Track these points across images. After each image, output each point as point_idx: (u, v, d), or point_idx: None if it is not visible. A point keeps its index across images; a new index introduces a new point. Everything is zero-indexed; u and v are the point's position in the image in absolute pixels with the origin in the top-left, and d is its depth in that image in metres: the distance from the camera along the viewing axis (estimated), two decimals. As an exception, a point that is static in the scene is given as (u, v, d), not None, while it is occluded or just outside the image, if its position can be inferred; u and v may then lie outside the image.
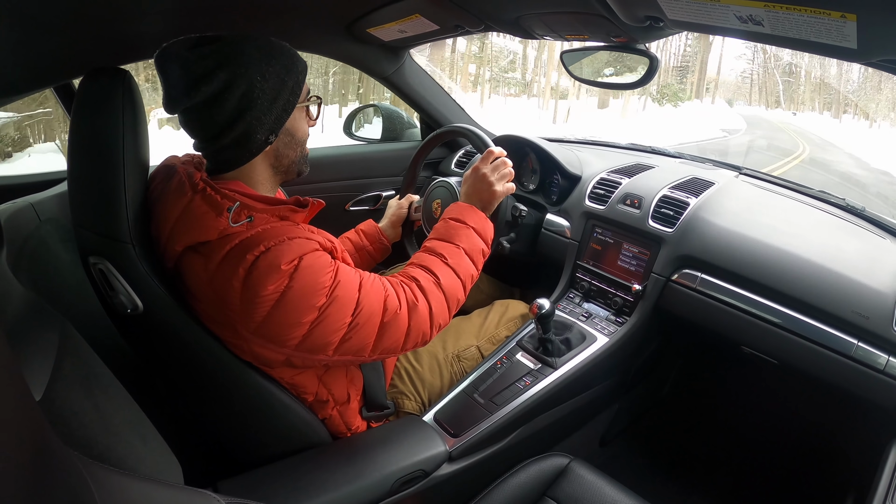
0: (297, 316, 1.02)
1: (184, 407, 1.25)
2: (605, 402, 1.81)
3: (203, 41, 1.03)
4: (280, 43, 1.11)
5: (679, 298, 1.52)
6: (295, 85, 1.12)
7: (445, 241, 1.31)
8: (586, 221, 1.78)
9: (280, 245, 1.01)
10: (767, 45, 1.02)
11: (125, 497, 0.53)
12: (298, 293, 1.01)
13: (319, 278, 1.03)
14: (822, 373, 1.29)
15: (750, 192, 1.72)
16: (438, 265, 1.27)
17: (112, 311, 1.09)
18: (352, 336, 1.09)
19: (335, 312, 1.05)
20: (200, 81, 1.02)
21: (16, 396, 0.40)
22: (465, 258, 1.30)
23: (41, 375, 0.71)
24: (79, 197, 1.06)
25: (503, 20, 1.45)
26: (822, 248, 1.38)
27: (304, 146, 1.23)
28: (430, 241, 1.33)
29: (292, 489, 1.11)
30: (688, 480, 1.86)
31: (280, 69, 1.08)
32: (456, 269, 1.28)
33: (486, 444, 1.36)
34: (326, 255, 1.07)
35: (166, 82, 1.05)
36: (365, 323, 1.09)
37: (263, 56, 1.05)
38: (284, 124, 1.13)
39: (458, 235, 1.32)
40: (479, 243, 1.34)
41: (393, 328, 1.14)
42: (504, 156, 1.44)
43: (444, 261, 1.27)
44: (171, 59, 1.04)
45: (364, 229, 1.70)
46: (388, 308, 1.13)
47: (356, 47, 1.89)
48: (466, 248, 1.31)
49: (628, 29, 1.21)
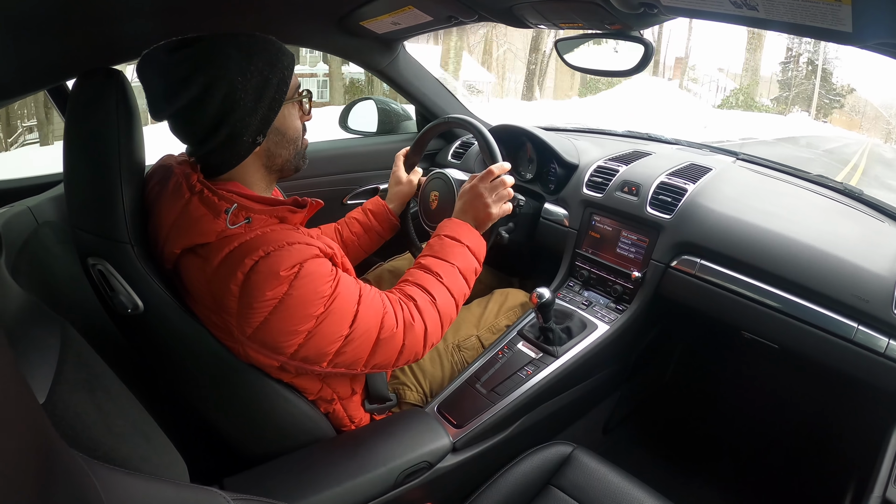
0: (293, 324, 1.01)
1: (187, 405, 1.25)
2: (607, 390, 1.81)
3: (182, 44, 1.01)
4: (263, 38, 1.07)
5: (679, 285, 1.52)
6: (280, 81, 1.08)
7: (440, 259, 1.30)
8: (584, 209, 1.78)
9: (280, 250, 1.00)
10: (762, 29, 1.02)
11: (131, 496, 0.53)
12: (297, 300, 1.00)
13: (319, 287, 1.02)
14: (822, 357, 1.30)
15: (748, 177, 1.72)
16: (434, 284, 1.26)
17: (112, 312, 1.09)
18: (346, 349, 1.08)
19: (332, 323, 1.05)
20: (179, 87, 1.00)
21: (19, 400, 0.40)
22: (459, 277, 1.30)
23: (44, 378, 0.71)
24: (76, 199, 1.06)
25: (496, 9, 1.45)
26: (821, 231, 1.38)
27: (299, 142, 1.20)
28: (426, 258, 1.31)
29: (297, 484, 1.12)
30: (690, 466, 1.86)
31: (263, 66, 1.04)
32: (450, 288, 1.27)
33: (490, 435, 1.37)
34: (327, 263, 1.07)
35: (148, 90, 1.04)
36: (360, 336, 1.09)
37: (244, 54, 1.02)
38: (273, 123, 1.10)
39: (454, 253, 1.30)
40: (472, 262, 1.33)
41: (388, 345, 1.13)
42: (506, 171, 1.42)
43: (439, 280, 1.26)
44: (150, 65, 1.03)
45: (371, 209, 1.68)
46: (385, 325, 1.12)
47: (349, 40, 1.89)
48: (460, 266, 1.30)
49: (622, 16, 1.21)
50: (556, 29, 1.50)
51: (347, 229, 1.67)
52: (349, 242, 1.66)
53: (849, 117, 37.89)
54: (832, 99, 34.72)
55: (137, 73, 1.05)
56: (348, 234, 1.66)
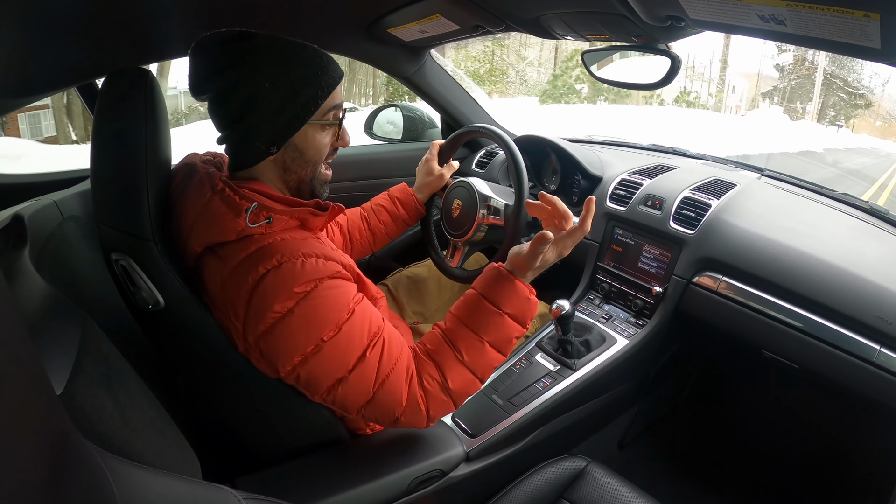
0: (295, 342, 0.99)
1: (203, 403, 1.25)
2: (624, 406, 1.80)
3: (233, 37, 1.04)
4: (314, 52, 1.08)
5: (700, 301, 1.51)
6: (311, 100, 1.08)
7: (468, 329, 1.13)
8: (607, 222, 1.77)
9: (293, 262, 0.98)
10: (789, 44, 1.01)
11: (143, 490, 0.53)
12: (303, 319, 0.98)
13: (330, 310, 1.00)
14: (843, 378, 1.27)
15: (772, 193, 1.70)
16: (451, 363, 1.12)
17: (133, 307, 1.10)
18: (341, 389, 1.04)
19: (336, 352, 1.01)
20: (213, 76, 1.04)
21: (37, 390, 0.41)
22: (488, 352, 1.13)
23: (62, 370, 0.72)
24: (102, 194, 1.07)
25: (523, 20, 1.45)
26: (844, 251, 1.36)
27: (318, 166, 1.17)
28: (453, 321, 1.16)
29: (308, 486, 1.12)
30: (705, 486, 1.84)
31: (296, 80, 1.05)
32: (472, 367, 1.12)
33: (504, 445, 1.36)
34: (346, 285, 1.04)
35: (192, 68, 1.07)
36: (360, 382, 1.04)
37: (279, 64, 1.04)
38: (291, 138, 1.10)
39: (486, 325, 1.12)
40: (512, 331, 1.14)
41: (385, 407, 1.07)
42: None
43: (458, 358, 1.11)
44: (201, 47, 1.05)
45: (399, 197, 1.69)
46: (390, 387, 1.06)
47: (377, 47, 1.89)
48: (492, 340, 1.13)
49: (649, 29, 1.20)
50: (584, 40, 1.49)
51: (375, 217, 1.68)
52: (376, 230, 1.68)
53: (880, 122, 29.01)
54: (850, 95, 26.11)
55: (190, 54, 1.07)
56: (376, 222, 1.68)
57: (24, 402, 0.38)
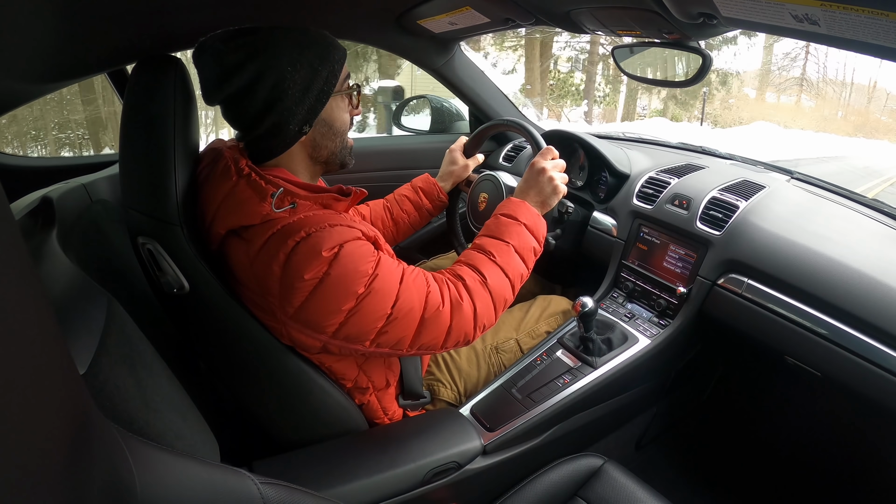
0: (334, 303, 1.02)
1: (224, 387, 1.27)
2: (643, 406, 1.78)
3: (238, 34, 1.05)
4: (317, 32, 1.11)
5: (724, 303, 1.49)
6: (330, 74, 1.11)
7: (494, 238, 1.28)
8: (633, 220, 1.76)
9: (321, 231, 1.01)
10: (823, 45, 0.99)
11: (162, 471, 0.54)
12: (337, 280, 1.01)
13: (360, 267, 1.03)
14: (866, 389, 1.24)
15: (802, 197, 1.67)
16: (486, 263, 1.23)
17: (159, 291, 1.12)
18: (389, 329, 1.08)
19: (373, 303, 1.05)
20: (232, 73, 1.05)
21: (61, 369, 0.41)
22: (515, 256, 1.27)
23: (86, 350, 0.73)
24: (130, 179, 1.09)
25: (553, 14, 1.44)
26: (873, 258, 1.33)
27: (346, 136, 1.22)
28: (480, 238, 1.29)
29: (325, 473, 1.13)
30: (722, 490, 1.82)
31: (313, 58, 1.08)
32: (504, 267, 1.24)
33: (521, 441, 1.36)
34: (369, 245, 1.08)
35: (201, 74, 1.08)
36: (404, 317, 1.09)
37: (295, 46, 1.06)
38: (319, 114, 1.13)
39: (509, 232, 1.28)
40: (529, 240, 1.30)
41: (433, 325, 1.13)
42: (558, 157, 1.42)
43: (492, 259, 1.24)
44: (206, 52, 1.06)
45: (422, 187, 1.71)
46: (430, 304, 1.12)
47: (406, 39, 1.90)
48: (516, 245, 1.27)
49: (681, 25, 1.19)
50: (614, 36, 1.48)
51: (398, 207, 1.70)
52: (399, 220, 1.69)
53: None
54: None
55: (193, 60, 1.09)
56: (399, 211, 1.69)
57: (48, 379, 0.39)
